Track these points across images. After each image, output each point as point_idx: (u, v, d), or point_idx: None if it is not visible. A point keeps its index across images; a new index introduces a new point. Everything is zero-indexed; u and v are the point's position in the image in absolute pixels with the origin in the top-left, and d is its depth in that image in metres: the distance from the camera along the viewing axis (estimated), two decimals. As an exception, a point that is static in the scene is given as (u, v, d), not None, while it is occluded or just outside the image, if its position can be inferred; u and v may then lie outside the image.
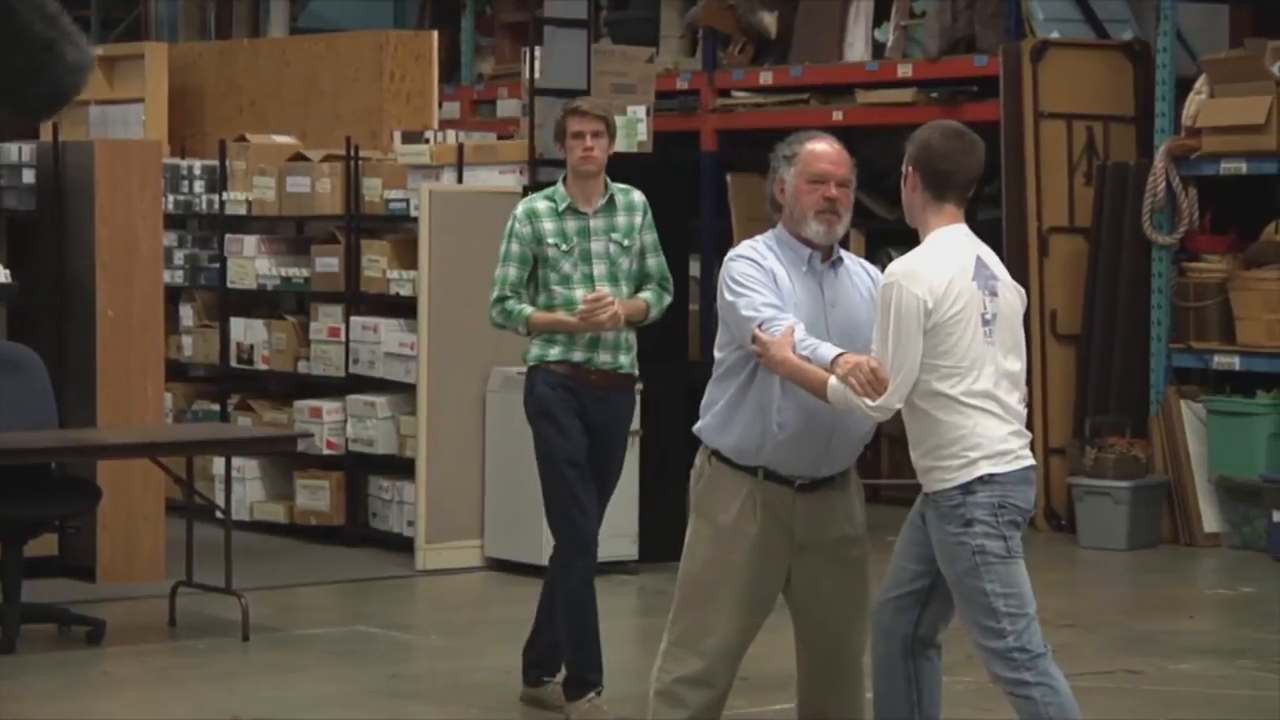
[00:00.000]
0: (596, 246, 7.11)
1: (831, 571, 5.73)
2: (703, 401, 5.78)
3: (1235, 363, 10.97)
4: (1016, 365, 5.57)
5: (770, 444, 5.61)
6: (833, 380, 5.41)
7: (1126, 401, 11.28)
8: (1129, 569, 10.60)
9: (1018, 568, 5.48)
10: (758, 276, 5.59)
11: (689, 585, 5.77)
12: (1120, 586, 10.29)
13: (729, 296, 5.61)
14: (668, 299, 7.31)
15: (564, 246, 7.08)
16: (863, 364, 5.38)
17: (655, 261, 7.27)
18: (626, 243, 7.16)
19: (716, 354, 5.75)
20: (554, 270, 7.08)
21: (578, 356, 7.09)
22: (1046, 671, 5.46)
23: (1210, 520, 11.02)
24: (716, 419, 5.71)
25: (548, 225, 7.10)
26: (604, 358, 7.11)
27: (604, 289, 7.05)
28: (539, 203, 7.17)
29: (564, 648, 7.14)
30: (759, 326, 5.51)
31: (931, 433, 5.48)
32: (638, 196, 7.26)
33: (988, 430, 5.45)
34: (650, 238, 7.26)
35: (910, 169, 5.61)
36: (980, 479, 5.43)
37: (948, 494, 5.46)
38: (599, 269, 7.11)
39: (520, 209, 7.19)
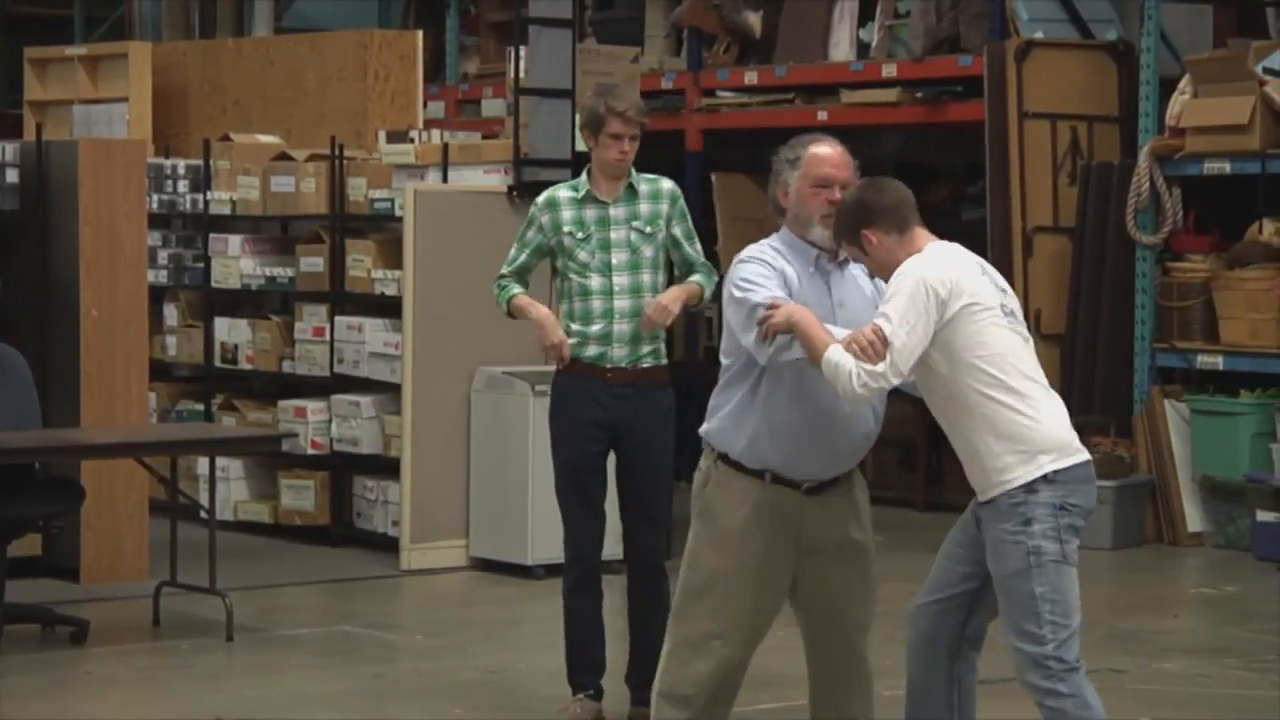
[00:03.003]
0: (617, 235, 6.99)
1: (838, 572, 5.77)
2: (710, 404, 5.80)
3: (1219, 362, 10.98)
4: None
5: (778, 447, 5.63)
6: (833, 348, 5.39)
7: (1110, 401, 11.30)
8: (1113, 568, 10.61)
9: (1070, 575, 5.42)
10: (767, 275, 5.61)
11: (693, 591, 5.78)
12: (1104, 585, 10.29)
13: (737, 294, 5.62)
14: (716, 278, 7.11)
15: (580, 234, 6.97)
16: (866, 329, 5.41)
17: (694, 250, 7.11)
18: (649, 229, 7.02)
19: (723, 360, 5.77)
20: (571, 259, 6.97)
21: (590, 352, 6.94)
22: (1080, 685, 5.40)
23: (1194, 519, 11.04)
24: (724, 422, 5.73)
25: (566, 214, 7.00)
26: (618, 352, 6.94)
27: (623, 279, 6.93)
28: (561, 192, 7.08)
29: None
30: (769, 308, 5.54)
31: (988, 431, 5.42)
32: (666, 185, 7.12)
33: (1042, 421, 5.44)
34: (682, 227, 7.10)
35: (865, 233, 5.51)
36: (1044, 477, 5.40)
37: (1011, 493, 5.41)
38: (618, 258, 6.97)
39: (541, 197, 7.10)
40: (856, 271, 5.74)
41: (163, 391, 11.60)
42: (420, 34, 12.15)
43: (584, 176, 7.11)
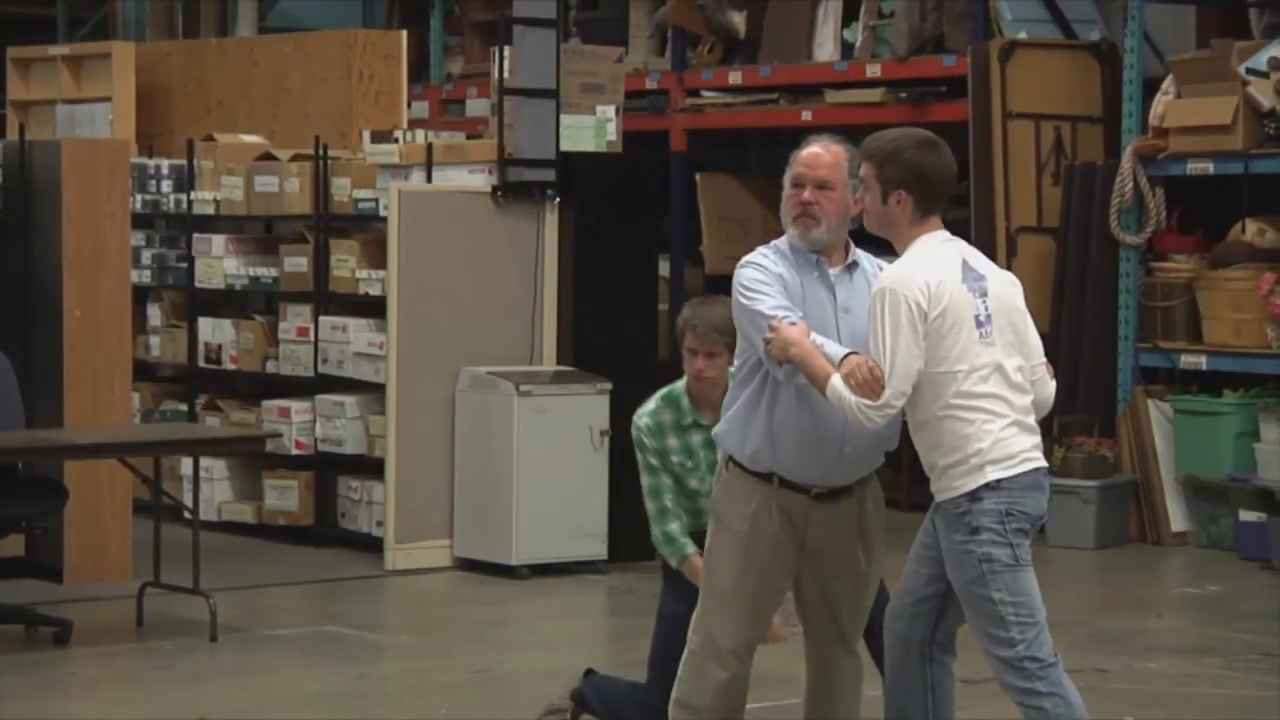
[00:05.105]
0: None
1: (835, 581, 5.79)
2: (724, 402, 5.81)
3: (1202, 362, 11.00)
4: (1021, 363, 5.54)
5: (783, 450, 5.63)
6: (834, 378, 5.39)
7: (1094, 401, 11.31)
8: (1097, 568, 10.63)
9: (1026, 576, 5.45)
10: (766, 281, 5.60)
11: (711, 593, 5.79)
12: (1088, 585, 10.31)
13: (743, 301, 5.61)
14: None
15: (690, 464, 6.58)
16: (863, 364, 5.38)
17: None
18: None
19: (735, 361, 5.78)
20: (682, 484, 6.58)
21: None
22: (1058, 681, 5.42)
23: (1177, 519, 11.06)
24: (732, 425, 5.73)
25: (673, 441, 6.58)
26: None
27: None
28: (665, 415, 6.58)
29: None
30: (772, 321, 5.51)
31: (938, 440, 5.45)
32: None
33: (992, 433, 5.42)
34: None
35: (902, 192, 5.50)
36: (987, 485, 5.41)
37: (955, 501, 5.44)
38: None
39: (645, 421, 6.58)
40: (867, 273, 5.69)
41: (146, 392, 11.59)
42: (404, 34, 12.15)
43: (684, 398, 6.57)
